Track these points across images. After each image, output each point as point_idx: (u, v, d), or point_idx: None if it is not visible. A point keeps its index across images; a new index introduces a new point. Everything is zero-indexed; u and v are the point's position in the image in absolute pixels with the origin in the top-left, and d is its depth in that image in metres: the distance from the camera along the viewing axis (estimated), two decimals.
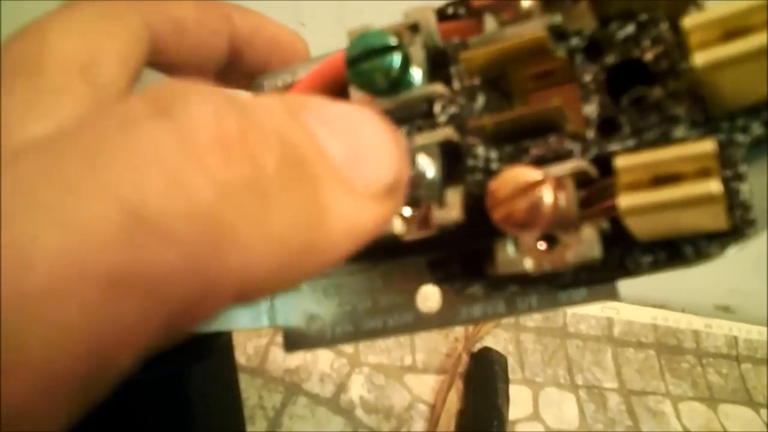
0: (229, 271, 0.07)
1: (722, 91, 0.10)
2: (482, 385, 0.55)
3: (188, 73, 0.14)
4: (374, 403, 0.53)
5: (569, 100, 0.12)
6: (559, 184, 0.12)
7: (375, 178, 0.09)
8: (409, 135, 0.13)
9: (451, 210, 0.12)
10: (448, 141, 0.12)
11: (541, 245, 0.12)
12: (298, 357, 0.53)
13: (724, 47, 0.10)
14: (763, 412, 0.67)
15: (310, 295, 0.16)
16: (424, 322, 0.15)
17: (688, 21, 0.10)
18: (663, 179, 0.11)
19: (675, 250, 0.12)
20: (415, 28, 0.13)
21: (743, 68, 0.10)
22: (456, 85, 0.13)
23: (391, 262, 0.15)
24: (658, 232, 0.11)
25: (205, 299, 0.07)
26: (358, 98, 0.14)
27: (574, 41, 0.12)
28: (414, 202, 0.13)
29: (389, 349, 0.56)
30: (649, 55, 0.12)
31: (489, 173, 0.12)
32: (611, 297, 0.13)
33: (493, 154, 0.12)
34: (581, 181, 0.12)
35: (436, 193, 0.12)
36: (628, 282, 0.12)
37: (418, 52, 0.13)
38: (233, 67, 0.15)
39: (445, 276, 0.14)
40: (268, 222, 0.08)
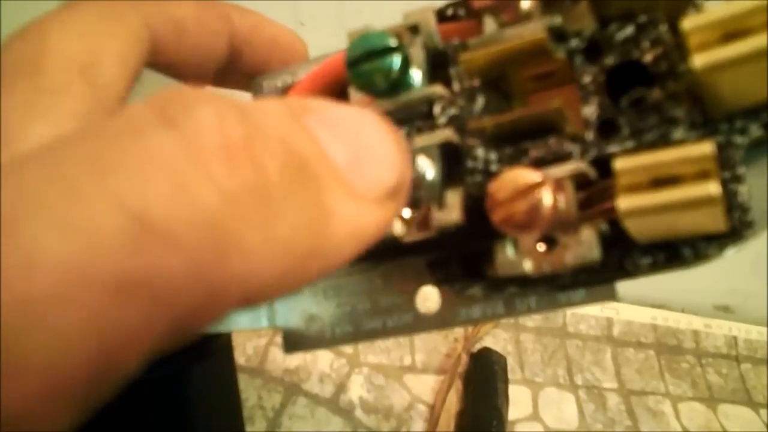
0: (233, 277, 0.08)
1: (721, 93, 0.11)
2: (482, 386, 0.55)
3: (188, 72, 0.14)
4: (374, 404, 0.53)
5: (569, 102, 0.12)
6: (558, 186, 0.12)
7: (378, 181, 0.09)
8: (409, 136, 0.13)
9: (450, 211, 0.12)
10: (447, 142, 0.12)
11: (541, 247, 0.12)
12: (298, 357, 0.53)
13: (723, 49, 0.10)
14: (762, 412, 0.67)
15: (309, 296, 0.16)
16: (423, 323, 0.15)
17: (687, 23, 0.10)
18: (662, 181, 0.11)
19: (674, 252, 0.12)
20: (415, 30, 0.13)
21: (742, 70, 0.10)
22: (456, 86, 0.13)
23: (391, 263, 0.15)
24: (657, 234, 0.11)
25: (210, 304, 0.07)
26: (358, 99, 0.14)
27: (574, 42, 0.12)
28: (414, 204, 0.13)
29: (389, 349, 0.56)
30: (648, 57, 0.12)
31: (489, 175, 0.12)
32: (610, 298, 0.13)
33: (493, 156, 0.12)
34: (580, 182, 0.12)
35: (436, 195, 0.12)
36: (628, 282, 0.12)
37: (418, 54, 0.13)
38: (232, 67, 0.15)
39: (444, 277, 0.14)
40: (272, 228, 0.08)
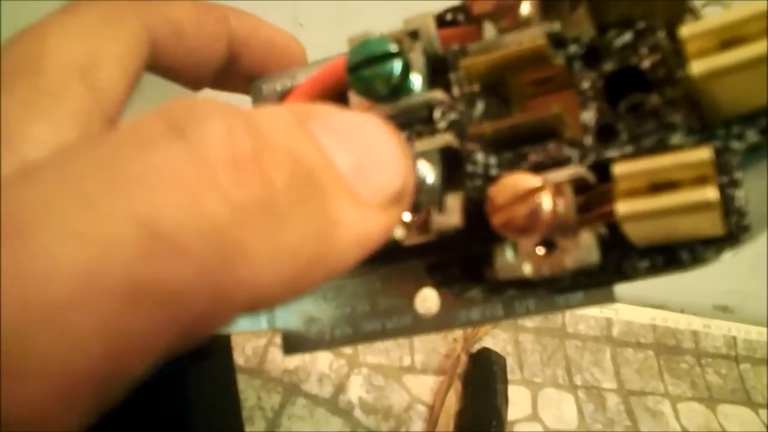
0: (240, 284, 0.08)
1: (718, 99, 0.11)
2: (481, 386, 0.55)
3: (186, 75, 0.14)
4: (373, 404, 0.53)
5: (567, 107, 0.12)
6: (557, 190, 0.12)
7: (381, 187, 0.10)
8: (409, 141, 0.13)
9: (450, 215, 0.12)
10: (448, 147, 0.13)
11: (540, 250, 0.12)
12: (297, 358, 0.53)
13: (721, 56, 0.10)
14: (762, 412, 0.67)
15: (309, 298, 0.16)
16: (422, 325, 0.15)
17: (685, 30, 0.10)
18: (660, 186, 0.11)
19: (672, 255, 0.12)
20: (415, 35, 0.13)
21: (739, 77, 0.10)
22: (455, 91, 0.13)
23: (391, 265, 0.15)
24: (655, 238, 0.11)
25: (217, 310, 0.08)
26: (358, 103, 0.14)
27: (573, 48, 0.12)
28: (414, 207, 0.13)
29: (388, 349, 0.56)
30: (646, 63, 0.12)
31: (488, 179, 0.12)
32: (608, 300, 0.13)
33: (493, 160, 0.13)
34: (579, 186, 0.12)
35: (436, 199, 0.12)
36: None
37: (418, 59, 0.13)
38: (231, 70, 0.15)
39: (444, 279, 0.14)
40: (279, 237, 0.08)
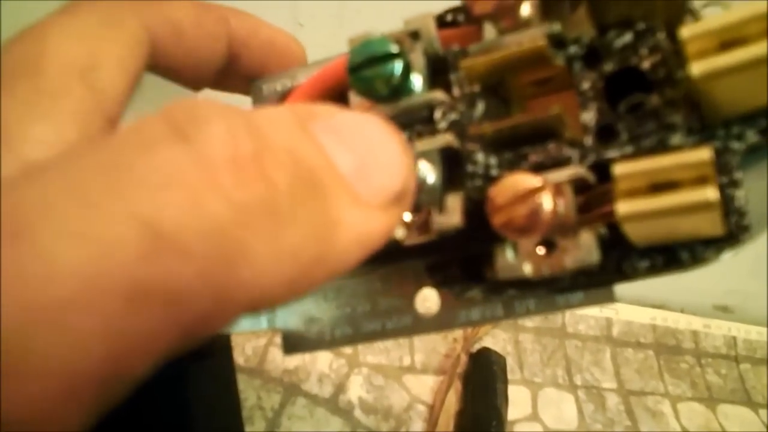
0: (241, 285, 0.08)
1: (718, 100, 0.11)
2: (481, 386, 0.55)
3: (186, 75, 0.14)
4: (373, 404, 0.53)
5: (568, 107, 0.12)
6: (558, 191, 0.12)
7: (382, 188, 0.10)
8: (410, 141, 0.13)
9: (451, 215, 0.12)
10: (448, 147, 0.13)
11: (540, 250, 0.12)
12: (297, 357, 0.53)
13: (721, 57, 0.10)
14: (762, 412, 0.67)
15: (309, 298, 0.16)
16: (422, 325, 0.15)
17: (686, 31, 0.11)
18: (660, 186, 0.11)
19: (671, 255, 0.12)
20: (415, 36, 0.13)
21: (739, 77, 0.10)
22: (456, 91, 0.13)
23: (391, 265, 0.15)
24: (655, 238, 0.11)
25: (219, 311, 0.08)
26: (358, 103, 0.14)
27: (573, 49, 0.12)
28: (414, 207, 0.13)
29: (388, 349, 0.56)
30: (646, 63, 0.12)
31: (489, 179, 0.12)
32: (608, 300, 0.13)
33: (493, 161, 0.13)
34: (579, 187, 0.12)
35: (437, 199, 0.13)
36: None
37: (418, 59, 0.13)
38: (230, 70, 0.15)
39: (444, 279, 0.14)
40: (280, 237, 0.08)
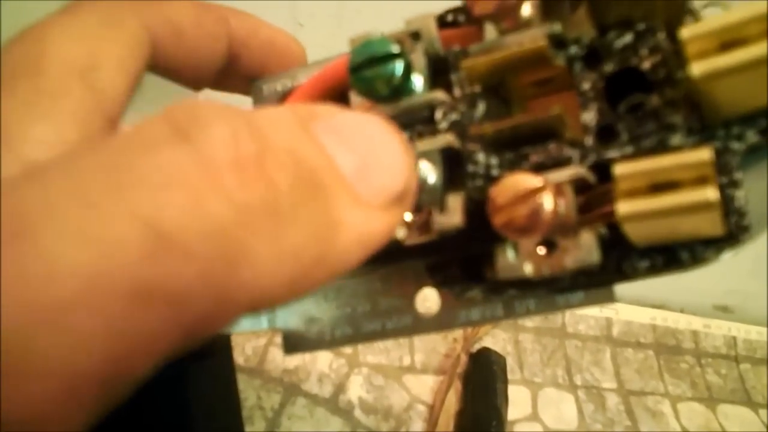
0: (243, 285, 0.08)
1: (718, 100, 0.11)
2: (481, 386, 0.55)
3: (186, 76, 0.14)
4: (373, 404, 0.53)
5: (568, 107, 0.12)
6: (558, 191, 0.12)
7: (384, 188, 0.10)
8: (411, 141, 0.13)
9: (452, 215, 0.12)
10: (449, 147, 0.13)
11: (541, 250, 0.12)
12: (297, 357, 0.53)
13: (721, 57, 0.10)
14: (762, 412, 0.67)
15: (309, 298, 0.16)
16: (422, 325, 0.15)
17: (686, 31, 0.11)
18: (661, 186, 0.11)
19: (671, 255, 0.12)
20: (416, 36, 0.13)
21: (739, 78, 0.10)
22: (457, 92, 0.13)
23: (391, 265, 0.15)
24: (655, 238, 0.11)
25: (220, 311, 0.08)
26: (359, 104, 0.14)
27: (573, 49, 0.12)
28: (415, 208, 0.13)
29: (388, 349, 0.57)
30: (646, 64, 0.12)
31: (489, 179, 0.12)
32: (608, 300, 0.13)
33: (494, 161, 0.13)
34: (580, 187, 0.12)
35: (438, 199, 0.13)
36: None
37: (419, 60, 0.13)
38: (231, 70, 0.15)
39: (444, 279, 0.14)
40: (281, 238, 0.08)
